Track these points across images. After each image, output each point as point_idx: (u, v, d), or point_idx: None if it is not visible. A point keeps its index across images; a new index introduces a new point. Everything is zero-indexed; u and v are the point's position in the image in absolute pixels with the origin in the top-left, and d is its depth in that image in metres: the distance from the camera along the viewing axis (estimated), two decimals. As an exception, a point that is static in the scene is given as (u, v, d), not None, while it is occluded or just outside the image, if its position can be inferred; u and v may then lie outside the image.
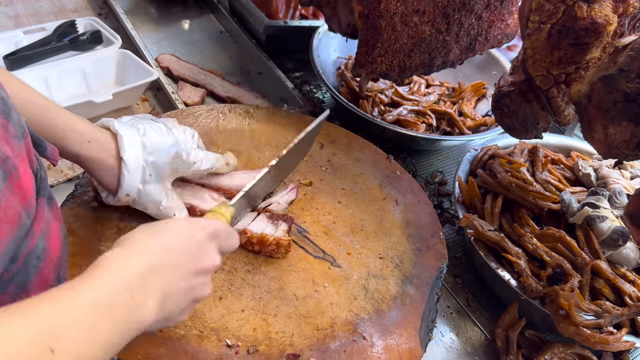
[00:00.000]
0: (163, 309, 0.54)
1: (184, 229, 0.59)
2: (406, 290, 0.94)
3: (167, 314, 0.55)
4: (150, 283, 0.52)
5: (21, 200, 0.51)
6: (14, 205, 0.49)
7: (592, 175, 1.21)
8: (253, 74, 1.58)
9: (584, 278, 0.98)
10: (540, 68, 0.92)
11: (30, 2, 1.62)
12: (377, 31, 1.10)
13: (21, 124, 0.54)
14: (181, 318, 0.60)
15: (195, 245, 0.59)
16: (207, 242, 0.61)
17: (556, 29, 0.87)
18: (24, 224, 0.51)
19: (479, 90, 1.61)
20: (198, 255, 0.59)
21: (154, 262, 0.53)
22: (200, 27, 1.74)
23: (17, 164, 0.50)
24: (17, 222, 0.50)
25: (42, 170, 0.59)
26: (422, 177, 1.40)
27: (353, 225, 1.04)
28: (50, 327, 0.42)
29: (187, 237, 0.58)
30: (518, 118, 1.04)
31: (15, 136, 0.52)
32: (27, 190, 0.52)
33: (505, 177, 1.14)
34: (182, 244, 0.57)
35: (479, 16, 1.18)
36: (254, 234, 0.90)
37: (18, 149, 0.51)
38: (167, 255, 0.55)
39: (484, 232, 1.04)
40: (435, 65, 1.24)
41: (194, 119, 1.16)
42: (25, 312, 0.42)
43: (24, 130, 0.54)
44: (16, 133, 0.52)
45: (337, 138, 1.23)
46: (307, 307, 0.87)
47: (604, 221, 1.04)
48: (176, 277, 0.55)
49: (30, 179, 0.54)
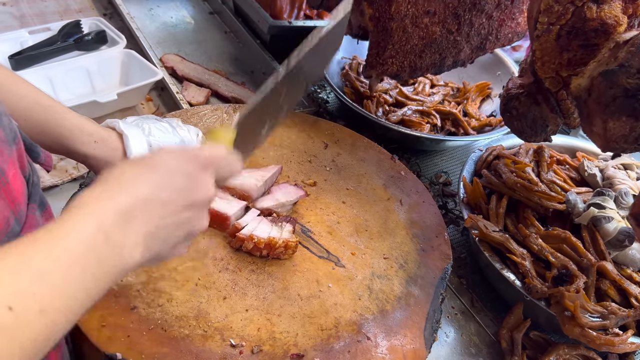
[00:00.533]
0: (150, 247, 0.50)
1: (172, 160, 0.54)
2: (410, 291, 0.94)
3: (155, 252, 0.52)
4: (131, 222, 0.48)
5: (9, 204, 0.50)
6: (2, 210, 0.49)
7: (598, 175, 1.20)
8: (257, 74, 1.58)
9: (589, 279, 0.97)
10: (549, 70, 0.92)
11: (35, 2, 1.62)
12: (388, 33, 1.10)
13: (12, 128, 0.54)
14: (177, 253, 0.57)
15: (185, 176, 0.54)
16: (199, 172, 0.56)
17: (565, 30, 0.87)
18: (12, 230, 0.50)
19: (484, 90, 1.61)
20: (188, 187, 0.54)
21: (136, 199, 0.49)
22: (204, 27, 1.74)
23: (5, 169, 0.50)
24: (4, 228, 0.49)
25: (35, 176, 0.59)
26: (427, 178, 1.39)
27: (357, 225, 1.04)
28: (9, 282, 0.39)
29: (175, 169, 0.54)
30: (527, 121, 1.03)
31: (6, 141, 0.51)
32: (16, 195, 0.52)
33: (510, 178, 1.13)
34: (170, 177, 0.53)
35: (489, 15, 1.18)
36: (261, 239, 0.90)
37: (8, 154, 0.51)
38: (151, 191, 0.51)
39: (489, 233, 1.04)
40: (446, 65, 1.23)
41: (198, 119, 1.16)
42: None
43: (15, 135, 0.54)
44: (7, 138, 0.52)
45: (342, 138, 1.23)
46: (311, 307, 0.87)
47: (610, 222, 1.03)
48: (163, 213, 0.51)
49: (20, 184, 0.53)
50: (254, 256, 0.92)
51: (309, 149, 1.18)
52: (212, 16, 1.81)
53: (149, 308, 0.80)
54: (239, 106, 1.22)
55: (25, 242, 0.42)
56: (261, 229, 0.92)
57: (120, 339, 0.74)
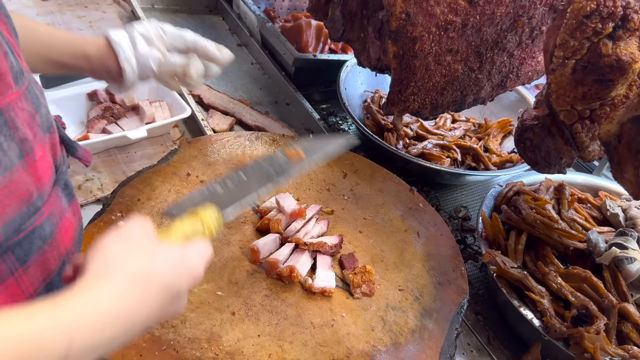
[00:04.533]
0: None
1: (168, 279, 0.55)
2: (425, 324, 0.93)
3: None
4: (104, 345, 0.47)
5: (35, 181, 0.54)
6: (26, 183, 0.52)
7: (621, 215, 1.18)
8: (281, 104, 1.62)
9: (610, 321, 0.95)
10: (564, 103, 0.92)
11: (71, 29, 1.70)
12: (411, 71, 1.12)
13: (49, 119, 0.59)
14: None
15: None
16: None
17: (581, 65, 0.88)
18: (33, 203, 0.54)
19: (506, 126, 1.61)
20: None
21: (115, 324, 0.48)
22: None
23: (34, 148, 0.54)
24: (26, 199, 0.53)
25: (65, 166, 0.63)
26: (446, 212, 1.39)
27: (373, 255, 1.04)
28: None
29: (168, 290, 0.54)
30: (541, 152, 1.03)
31: (40, 126, 0.56)
32: (41, 173, 0.55)
33: (529, 214, 1.12)
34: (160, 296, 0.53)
35: (510, 54, 1.19)
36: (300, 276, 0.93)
37: (40, 138, 0.56)
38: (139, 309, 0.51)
39: (507, 269, 1.02)
40: (467, 102, 1.24)
41: (221, 145, 1.19)
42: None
43: (50, 125, 0.59)
44: (42, 125, 0.57)
45: (361, 168, 1.24)
46: (324, 335, 0.86)
47: (633, 263, 1.01)
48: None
49: (47, 167, 0.57)
50: (268, 282, 0.92)
51: (328, 178, 1.19)
52: (239, 48, 1.86)
53: (162, 328, 0.80)
54: (261, 134, 1.24)
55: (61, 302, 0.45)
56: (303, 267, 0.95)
57: (132, 358, 0.75)
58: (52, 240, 0.58)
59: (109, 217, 0.95)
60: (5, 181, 0.50)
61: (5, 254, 0.52)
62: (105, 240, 0.54)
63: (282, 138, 1.25)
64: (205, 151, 1.16)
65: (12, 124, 0.51)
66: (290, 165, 0.83)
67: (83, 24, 1.73)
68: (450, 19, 1.04)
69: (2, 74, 0.50)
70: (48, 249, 0.58)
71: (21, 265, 0.54)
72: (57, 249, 0.59)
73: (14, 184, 0.51)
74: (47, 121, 0.58)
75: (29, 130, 0.53)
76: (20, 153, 0.52)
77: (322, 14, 1.36)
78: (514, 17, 1.09)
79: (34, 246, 0.55)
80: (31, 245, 0.55)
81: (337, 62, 1.63)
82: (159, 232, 0.60)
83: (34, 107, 0.55)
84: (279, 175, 0.85)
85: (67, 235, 0.62)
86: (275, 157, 0.82)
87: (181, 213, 0.67)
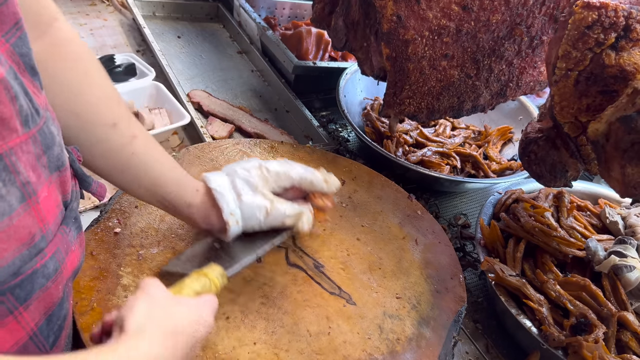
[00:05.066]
0: None
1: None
2: (422, 332, 0.92)
3: None
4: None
5: (38, 222, 0.53)
6: (28, 226, 0.51)
7: (620, 223, 1.17)
8: (281, 111, 1.62)
9: (609, 329, 0.94)
10: (568, 115, 0.92)
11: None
12: (404, 73, 1.12)
13: (61, 159, 0.57)
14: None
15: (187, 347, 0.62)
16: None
17: (584, 76, 0.87)
18: (35, 245, 0.53)
19: (505, 134, 1.61)
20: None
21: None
22: (232, 66, 1.80)
23: (38, 190, 0.52)
24: (27, 242, 0.52)
25: (76, 202, 0.63)
26: (445, 219, 1.39)
27: (371, 263, 1.03)
28: None
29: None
30: (546, 165, 1.03)
31: (46, 167, 0.54)
32: (45, 214, 0.54)
33: (528, 222, 1.12)
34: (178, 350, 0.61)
35: (509, 62, 1.19)
36: None
37: (45, 178, 0.54)
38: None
39: (505, 277, 1.02)
40: (464, 108, 1.24)
41: (219, 152, 1.19)
42: None
43: (61, 164, 0.58)
44: (49, 165, 0.55)
45: (359, 175, 1.24)
46: (320, 344, 0.86)
47: (632, 271, 1.00)
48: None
49: (53, 206, 0.56)
50: (265, 289, 0.92)
51: (326, 186, 1.19)
52: (240, 55, 1.87)
53: (157, 336, 0.80)
54: (260, 141, 1.25)
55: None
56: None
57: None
58: (56, 277, 0.57)
59: (106, 224, 0.95)
60: (4, 226, 0.49)
61: (4, 296, 0.51)
62: (135, 302, 0.61)
63: (281, 145, 1.25)
64: (204, 158, 1.16)
65: (12, 168, 0.49)
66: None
67: (84, 32, 1.74)
68: (444, 23, 1.04)
69: (5, 119, 0.48)
70: (52, 285, 0.57)
71: (21, 304, 0.53)
72: (60, 282, 0.59)
73: (13, 228, 0.50)
74: (57, 160, 0.57)
75: (32, 173, 0.52)
76: (22, 196, 0.50)
77: (325, 24, 1.36)
78: (510, 25, 1.09)
79: (37, 285, 0.54)
80: (33, 284, 0.54)
81: (336, 69, 1.63)
82: (172, 289, 0.70)
83: (43, 148, 0.54)
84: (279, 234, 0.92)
85: (71, 267, 0.62)
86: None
87: (186, 271, 0.78)
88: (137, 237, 0.93)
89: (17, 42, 0.52)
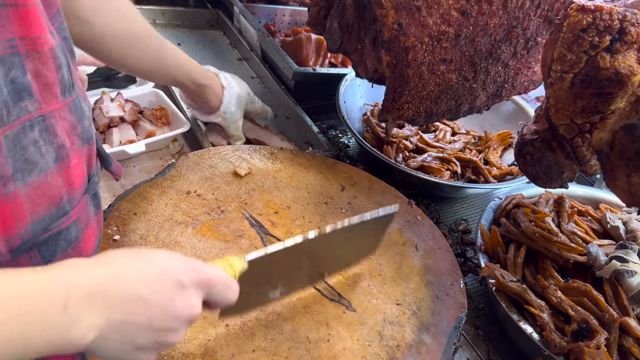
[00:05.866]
0: (106, 338, 0.50)
1: (171, 264, 0.55)
2: (422, 339, 0.92)
3: (114, 343, 0.51)
4: (100, 301, 0.48)
5: (66, 185, 0.58)
6: (58, 186, 0.57)
7: (621, 228, 1.17)
8: (281, 117, 1.62)
9: (611, 335, 0.93)
10: (564, 117, 0.92)
11: (77, 51, 1.71)
12: (404, 79, 1.12)
13: (90, 132, 0.64)
14: (138, 358, 0.55)
15: (175, 287, 0.54)
16: (190, 288, 0.55)
17: (579, 79, 0.87)
18: (63, 206, 0.58)
19: (506, 139, 1.60)
20: (174, 298, 0.54)
21: (113, 283, 0.50)
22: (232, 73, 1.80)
23: (70, 155, 0.58)
24: (57, 201, 0.57)
25: (97, 177, 0.69)
26: (446, 225, 1.38)
27: (371, 269, 1.03)
28: None
29: (170, 275, 0.54)
30: (542, 167, 1.03)
31: (80, 137, 0.61)
32: (74, 179, 0.59)
33: (528, 227, 1.12)
34: (160, 280, 0.53)
35: (505, 64, 1.19)
36: None
37: (77, 147, 0.60)
38: (134, 284, 0.51)
39: (506, 283, 1.01)
40: (461, 111, 1.24)
41: (219, 159, 1.19)
42: None
43: (90, 137, 0.64)
44: (82, 136, 0.62)
45: (359, 181, 1.24)
46: (320, 351, 0.86)
47: (634, 276, 1.00)
48: (136, 309, 0.51)
49: (80, 174, 0.61)
50: (264, 296, 0.92)
51: (326, 191, 1.19)
52: (240, 62, 1.87)
53: (156, 343, 0.80)
54: (260, 147, 1.25)
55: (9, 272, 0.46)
56: None
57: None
58: (76, 245, 0.61)
59: (106, 231, 0.95)
60: (39, 182, 0.54)
61: (31, 251, 0.55)
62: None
63: (281, 151, 1.25)
64: (203, 165, 1.16)
65: (52, 130, 0.55)
66: None
67: (85, 40, 1.74)
68: (443, 29, 1.04)
69: (49, 84, 0.54)
70: (72, 252, 0.61)
71: (45, 264, 0.53)
72: (79, 254, 0.62)
73: (47, 185, 0.55)
74: (87, 133, 0.63)
75: (67, 138, 0.58)
76: (57, 157, 0.56)
77: (321, 27, 1.37)
78: (507, 28, 1.10)
79: (59, 247, 0.58)
80: (56, 246, 0.58)
81: (336, 75, 1.63)
82: None
83: (77, 119, 0.60)
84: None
85: (89, 243, 0.65)
86: None
87: None
88: (136, 244, 0.93)
89: (60, 27, 0.58)
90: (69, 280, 0.48)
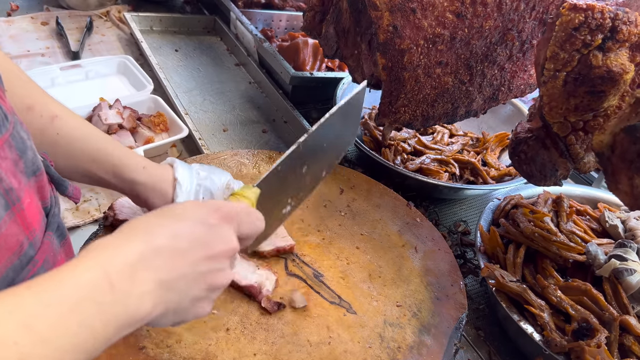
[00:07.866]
0: (164, 298, 0.50)
1: (194, 212, 0.55)
2: (423, 340, 0.92)
3: (173, 305, 0.52)
4: (141, 271, 0.48)
5: (24, 230, 0.52)
6: (15, 234, 0.51)
7: (620, 227, 1.17)
8: (279, 122, 1.62)
9: (611, 334, 0.93)
10: (557, 115, 0.92)
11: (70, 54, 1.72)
12: (400, 83, 1.12)
13: (35, 162, 0.57)
14: (200, 310, 0.56)
15: (206, 227, 0.55)
16: (220, 225, 0.56)
17: (572, 77, 0.88)
18: (25, 253, 0.52)
19: (503, 140, 1.61)
20: (209, 239, 0.55)
21: (149, 247, 0.50)
22: (229, 78, 1.81)
23: (21, 196, 0.52)
24: (17, 251, 0.51)
25: (56, 208, 0.61)
26: (445, 226, 1.38)
27: (371, 271, 1.03)
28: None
29: (196, 220, 0.55)
30: (536, 165, 1.03)
31: (24, 172, 0.54)
32: (31, 221, 0.53)
33: (527, 227, 1.12)
34: (190, 228, 0.54)
35: (501, 67, 1.20)
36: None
37: (24, 183, 0.54)
38: (168, 240, 0.51)
39: (506, 283, 1.01)
40: (458, 114, 1.25)
41: (218, 163, 1.19)
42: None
43: (37, 169, 0.57)
44: (26, 170, 0.55)
45: (357, 184, 1.24)
46: (321, 354, 0.86)
47: (633, 274, 1.00)
48: (179, 262, 0.51)
49: (36, 213, 0.55)
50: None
51: (324, 194, 1.19)
52: (237, 67, 1.88)
53: (157, 348, 0.80)
54: (258, 152, 1.25)
55: (25, 285, 0.43)
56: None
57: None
58: None
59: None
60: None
61: None
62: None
63: (279, 155, 1.26)
64: (202, 170, 1.16)
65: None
66: None
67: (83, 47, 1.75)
68: (439, 32, 1.05)
69: None
70: None
71: None
72: None
73: (3, 238, 0.49)
74: (32, 165, 0.56)
75: (13, 179, 0.51)
76: (6, 204, 0.49)
77: (316, 32, 1.37)
78: (503, 30, 1.10)
79: None
80: None
81: (333, 79, 1.64)
82: None
83: (18, 153, 0.53)
84: None
85: None
86: None
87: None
88: (136, 249, 0.93)
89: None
90: (103, 262, 0.47)
